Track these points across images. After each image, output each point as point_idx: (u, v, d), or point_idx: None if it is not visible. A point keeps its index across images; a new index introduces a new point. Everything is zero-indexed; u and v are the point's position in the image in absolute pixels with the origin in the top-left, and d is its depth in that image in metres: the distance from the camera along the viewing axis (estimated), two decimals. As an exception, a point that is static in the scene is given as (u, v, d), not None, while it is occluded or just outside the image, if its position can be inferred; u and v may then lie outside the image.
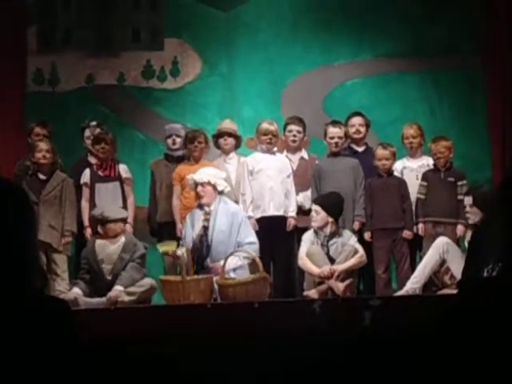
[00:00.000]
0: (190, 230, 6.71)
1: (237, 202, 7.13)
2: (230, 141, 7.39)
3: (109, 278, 6.49)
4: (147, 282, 6.50)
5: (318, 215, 6.53)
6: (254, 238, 6.64)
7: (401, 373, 4.57)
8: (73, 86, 8.79)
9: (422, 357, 4.09)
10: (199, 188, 6.68)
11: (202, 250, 6.58)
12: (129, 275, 6.42)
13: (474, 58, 8.70)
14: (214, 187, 6.68)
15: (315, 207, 6.60)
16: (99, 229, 6.71)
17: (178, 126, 7.68)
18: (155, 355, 4.80)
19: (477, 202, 6.20)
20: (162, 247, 6.62)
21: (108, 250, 6.59)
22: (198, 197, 6.72)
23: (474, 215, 6.26)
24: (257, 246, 6.54)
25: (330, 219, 6.51)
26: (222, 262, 6.26)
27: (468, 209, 6.31)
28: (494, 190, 6.29)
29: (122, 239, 6.65)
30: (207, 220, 6.63)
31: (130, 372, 4.73)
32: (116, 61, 8.88)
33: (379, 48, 8.91)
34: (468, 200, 6.32)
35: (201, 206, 6.74)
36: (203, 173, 6.74)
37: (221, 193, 6.72)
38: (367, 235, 6.99)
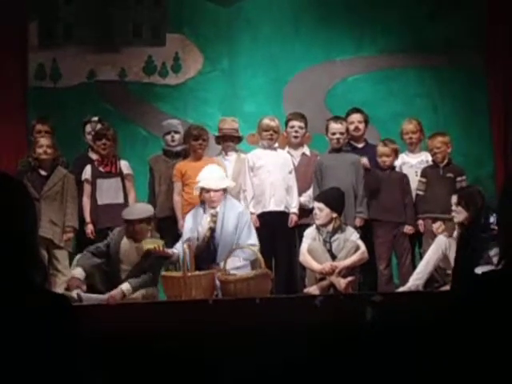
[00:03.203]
0: (192, 230, 6.55)
1: (234, 197, 7.11)
2: (233, 144, 7.38)
3: (122, 277, 6.32)
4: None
5: (322, 212, 6.47)
6: (254, 239, 6.51)
7: (403, 368, 4.57)
8: (74, 82, 8.78)
9: (424, 352, 4.10)
10: (211, 193, 6.50)
11: (208, 252, 6.45)
12: (142, 281, 6.28)
13: (476, 55, 8.71)
14: (225, 190, 6.59)
15: (318, 204, 6.52)
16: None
17: (176, 122, 7.61)
18: (156, 351, 4.80)
19: (462, 202, 6.22)
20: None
21: (130, 251, 6.42)
22: (210, 201, 6.53)
23: (458, 214, 6.26)
24: (257, 248, 6.39)
25: (334, 215, 6.46)
26: (222, 264, 6.20)
27: (454, 207, 6.31)
28: (481, 191, 6.35)
29: None
30: (214, 222, 6.49)
31: (131, 368, 4.72)
32: (117, 56, 8.87)
33: (381, 44, 8.91)
34: (454, 199, 6.32)
35: (204, 206, 6.62)
36: (214, 178, 6.55)
37: (225, 191, 6.62)
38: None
